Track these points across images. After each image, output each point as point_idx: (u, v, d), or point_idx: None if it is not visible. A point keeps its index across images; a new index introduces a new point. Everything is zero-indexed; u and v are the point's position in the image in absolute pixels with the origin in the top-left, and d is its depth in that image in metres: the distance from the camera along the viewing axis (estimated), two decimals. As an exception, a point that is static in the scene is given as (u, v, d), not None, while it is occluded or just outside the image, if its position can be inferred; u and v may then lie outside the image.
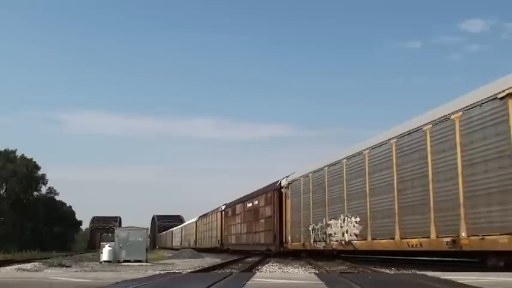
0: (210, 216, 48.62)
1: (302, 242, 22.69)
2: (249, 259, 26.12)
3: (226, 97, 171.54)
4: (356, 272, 13.55)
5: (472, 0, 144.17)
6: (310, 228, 21.65)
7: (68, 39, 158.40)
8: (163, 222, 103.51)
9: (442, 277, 8.13)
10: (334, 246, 19.50)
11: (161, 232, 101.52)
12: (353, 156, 18.00)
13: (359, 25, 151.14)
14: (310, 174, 22.06)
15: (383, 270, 13.96)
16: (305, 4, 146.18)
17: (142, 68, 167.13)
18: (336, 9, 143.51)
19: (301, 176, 23.26)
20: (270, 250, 27.64)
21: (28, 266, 21.53)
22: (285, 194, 25.56)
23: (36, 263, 23.74)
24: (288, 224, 24.78)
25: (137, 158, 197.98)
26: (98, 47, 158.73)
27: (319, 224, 20.72)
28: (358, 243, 17.39)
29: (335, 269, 15.08)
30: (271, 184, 29.26)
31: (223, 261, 22.37)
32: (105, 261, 24.62)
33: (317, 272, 14.11)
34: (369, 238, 16.54)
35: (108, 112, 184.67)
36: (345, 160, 18.63)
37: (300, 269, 16.41)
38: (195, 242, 56.91)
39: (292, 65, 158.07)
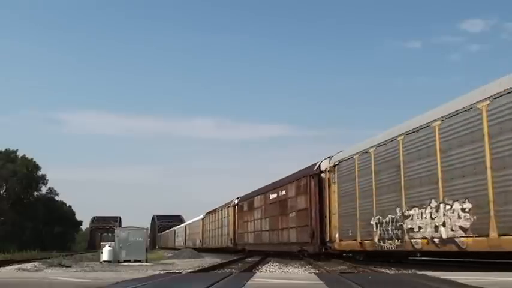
0: (220, 212, 40.47)
1: (359, 240, 16.10)
2: (249, 259, 24.13)
3: (226, 97, 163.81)
4: (356, 272, 12.68)
5: (472, 0, 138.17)
6: (373, 222, 15.09)
7: (67, 39, 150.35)
8: (163, 222, 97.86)
9: (442, 277, 7.70)
10: (418, 246, 12.88)
11: (161, 232, 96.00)
12: (455, 114, 11.49)
13: (359, 25, 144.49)
14: (372, 150, 15.46)
15: (383, 270, 12.93)
16: (305, 4, 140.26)
17: (142, 68, 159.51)
18: (336, 9, 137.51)
19: (356, 154, 16.58)
20: (305, 251, 20.72)
21: (28, 266, 20.44)
22: (328, 179, 18.68)
23: (36, 263, 22.54)
24: (334, 218, 17.94)
25: (137, 158, 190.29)
26: (97, 47, 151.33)
27: (389, 216, 14.15)
28: (468, 242, 10.87)
29: (335, 269, 14.14)
30: (305, 168, 22.03)
31: (223, 261, 20.90)
32: (105, 261, 23.26)
33: (317, 272, 13.36)
34: (493, 233, 10.05)
35: (108, 112, 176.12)
36: (438, 123, 12.09)
37: (300, 269, 15.41)
38: (202, 241, 48.86)
39: (292, 65, 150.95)
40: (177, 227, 74.76)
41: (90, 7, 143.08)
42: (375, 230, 15.04)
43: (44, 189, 71.94)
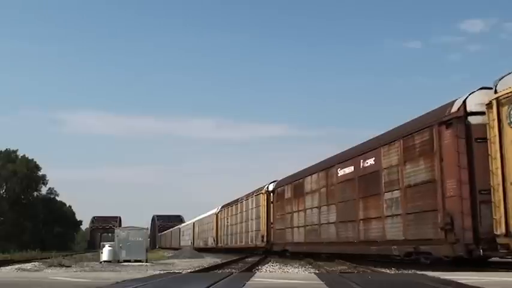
0: (244, 202, 32.16)
1: None
2: (249, 259, 23.48)
3: (226, 97, 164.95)
4: (356, 272, 12.53)
5: (472, 0, 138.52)
6: None
7: (67, 38, 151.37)
8: (163, 222, 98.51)
9: (442, 277, 7.77)
10: None
11: (161, 232, 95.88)
12: None
13: (359, 25, 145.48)
14: None
15: (383, 270, 12.86)
16: (305, 4, 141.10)
17: (143, 68, 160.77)
18: (336, 9, 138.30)
19: None
20: (427, 254, 12.89)
21: (28, 266, 20.46)
22: (491, 123, 10.84)
23: (36, 263, 22.58)
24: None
25: (137, 158, 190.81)
26: (97, 47, 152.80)
27: None
28: None
29: (335, 269, 13.93)
30: (422, 116, 13.85)
31: (223, 261, 20.55)
32: (105, 261, 23.27)
33: (317, 272, 13.21)
34: None
35: (108, 112, 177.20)
36: None
37: (300, 269, 15.21)
38: (216, 240, 41.16)
39: (292, 65, 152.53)
40: (183, 224, 72.76)
41: (91, 7, 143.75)
42: None
43: (44, 190, 72.30)
